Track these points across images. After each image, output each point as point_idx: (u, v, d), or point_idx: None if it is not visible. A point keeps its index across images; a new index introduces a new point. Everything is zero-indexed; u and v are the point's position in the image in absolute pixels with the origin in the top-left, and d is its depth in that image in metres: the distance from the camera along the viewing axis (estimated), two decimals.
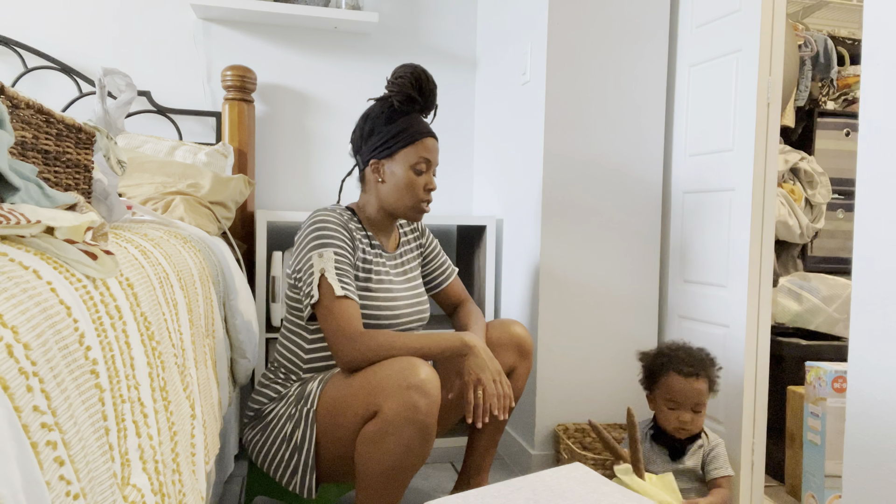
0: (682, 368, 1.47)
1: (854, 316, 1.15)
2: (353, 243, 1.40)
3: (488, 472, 1.60)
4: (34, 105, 0.80)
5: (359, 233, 1.45)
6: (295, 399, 1.34)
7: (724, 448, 1.51)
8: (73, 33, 2.15)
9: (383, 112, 1.44)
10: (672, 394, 1.47)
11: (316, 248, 1.34)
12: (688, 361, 1.47)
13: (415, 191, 1.43)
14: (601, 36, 1.87)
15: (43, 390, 0.47)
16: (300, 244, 1.38)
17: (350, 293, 1.31)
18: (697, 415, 1.47)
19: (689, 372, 1.46)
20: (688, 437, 1.50)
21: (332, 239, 1.35)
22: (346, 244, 1.37)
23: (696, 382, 1.46)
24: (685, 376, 1.46)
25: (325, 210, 1.41)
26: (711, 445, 1.50)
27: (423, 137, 1.43)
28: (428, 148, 1.43)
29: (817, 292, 2.11)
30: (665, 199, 1.98)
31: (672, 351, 1.52)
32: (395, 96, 1.43)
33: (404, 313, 1.46)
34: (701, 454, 1.49)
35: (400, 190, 1.43)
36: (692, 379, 1.46)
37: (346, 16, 2.21)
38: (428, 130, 1.45)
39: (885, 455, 1.09)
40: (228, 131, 2.15)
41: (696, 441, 1.50)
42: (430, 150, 1.44)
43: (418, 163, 1.42)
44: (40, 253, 0.59)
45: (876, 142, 1.12)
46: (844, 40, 2.81)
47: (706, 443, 1.50)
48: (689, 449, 1.50)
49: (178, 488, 0.77)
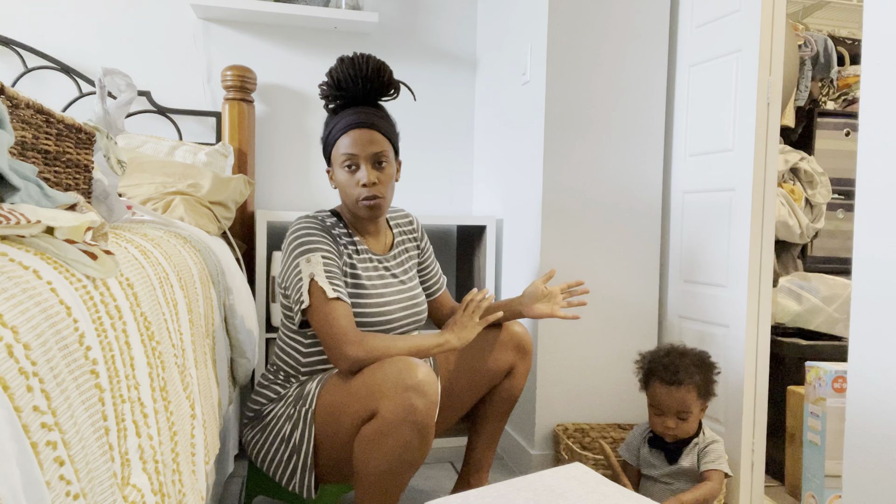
0: (665, 377, 1.45)
1: (854, 316, 1.15)
2: (337, 248, 1.37)
3: (488, 472, 1.60)
4: (34, 105, 0.80)
5: (344, 238, 1.42)
6: (294, 400, 1.34)
7: (720, 445, 1.50)
8: (73, 33, 2.15)
9: (326, 119, 1.43)
10: (655, 401, 1.48)
11: (302, 254, 1.32)
12: (671, 369, 1.45)
13: (351, 189, 1.37)
14: (601, 36, 1.87)
15: (43, 390, 0.47)
16: (286, 253, 1.36)
17: (342, 296, 1.30)
18: (684, 421, 1.46)
19: (671, 380, 1.44)
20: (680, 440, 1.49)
21: (317, 244, 1.33)
22: (331, 248, 1.35)
23: (679, 391, 1.44)
24: (667, 385, 1.45)
25: (307, 217, 1.39)
26: (706, 442, 1.49)
27: (345, 131, 1.35)
28: (350, 142, 1.34)
29: (817, 292, 2.11)
30: (665, 200, 1.98)
31: (659, 358, 1.50)
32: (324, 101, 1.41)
33: (396, 317, 1.43)
34: (696, 452, 1.49)
35: (343, 192, 1.39)
36: (674, 388, 1.44)
37: (346, 16, 2.21)
38: (351, 123, 1.35)
39: (885, 455, 1.09)
40: (228, 131, 2.15)
41: (692, 440, 1.50)
42: (351, 144, 1.34)
43: (344, 160, 1.36)
44: (40, 253, 0.59)
45: (876, 142, 1.12)
46: (844, 40, 2.81)
47: (701, 440, 1.50)
48: (684, 450, 1.49)
49: (178, 488, 0.76)
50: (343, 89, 1.37)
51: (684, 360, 1.47)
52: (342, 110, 1.39)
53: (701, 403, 1.48)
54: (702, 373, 1.46)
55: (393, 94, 1.41)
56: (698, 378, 1.45)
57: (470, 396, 1.53)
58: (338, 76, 1.36)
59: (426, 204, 2.47)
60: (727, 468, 1.48)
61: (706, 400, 1.48)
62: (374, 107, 1.40)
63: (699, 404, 1.47)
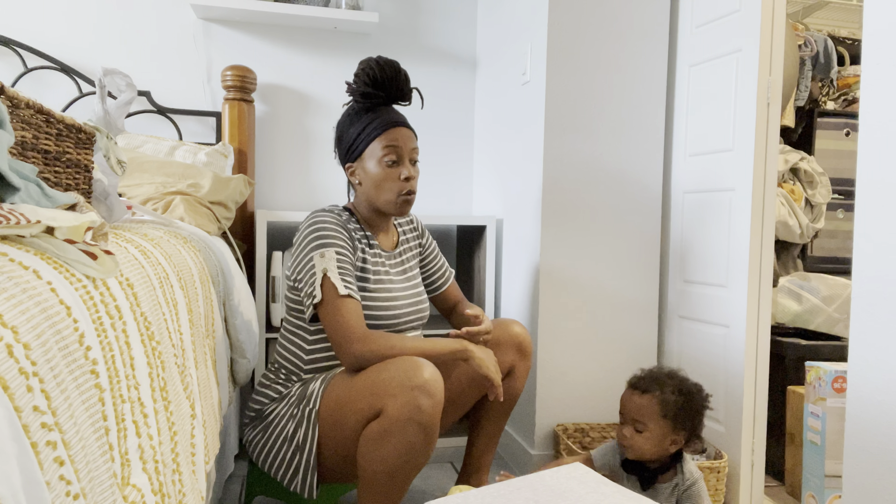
0: (632, 381, 1.41)
1: (854, 316, 1.15)
2: (352, 243, 1.39)
3: (488, 471, 1.60)
4: (34, 105, 0.80)
5: (357, 233, 1.44)
6: (297, 399, 1.34)
7: (701, 486, 1.37)
8: (73, 33, 2.15)
9: (349, 116, 1.44)
10: (620, 407, 1.41)
11: (317, 248, 1.33)
12: (643, 377, 1.40)
13: (390, 184, 1.39)
14: (601, 36, 1.87)
15: (43, 390, 0.47)
16: (300, 245, 1.37)
17: (353, 293, 1.31)
18: (639, 434, 1.34)
19: (635, 385, 1.39)
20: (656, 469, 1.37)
21: (333, 239, 1.35)
22: (346, 244, 1.37)
23: (640, 397, 1.35)
24: (631, 388, 1.39)
25: (324, 211, 1.41)
26: (687, 483, 1.36)
27: (387, 129, 1.39)
28: (394, 137, 1.39)
29: (817, 292, 2.11)
30: (665, 199, 1.98)
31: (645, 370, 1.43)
32: (354, 96, 1.42)
33: (404, 313, 1.45)
34: (675, 495, 1.37)
35: (378, 187, 1.40)
36: (636, 393, 1.37)
37: (346, 16, 2.21)
38: (393, 120, 1.40)
39: (885, 455, 1.09)
40: (228, 131, 2.15)
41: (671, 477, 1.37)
42: (397, 139, 1.39)
43: (386, 154, 1.38)
44: (40, 253, 0.59)
45: (876, 142, 1.12)
46: (844, 40, 2.81)
47: (681, 481, 1.37)
48: (659, 479, 1.37)
49: (178, 488, 0.76)
50: (382, 88, 1.41)
51: (663, 377, 1.38)
52: (375, 109, 1.42)
53: (666, 425, 1.33)
54: (677, 395, 1.34)
55: (410, 101, 1.47)
56: (670, 397, 1.34)
57: (470, 396, 1.53)
58: (374, 76, 1.40)
59: (426, 204, 2.47)
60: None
61: (675, 426, 1.34)
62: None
63: (662, 424, 1.33)
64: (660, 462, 1.38)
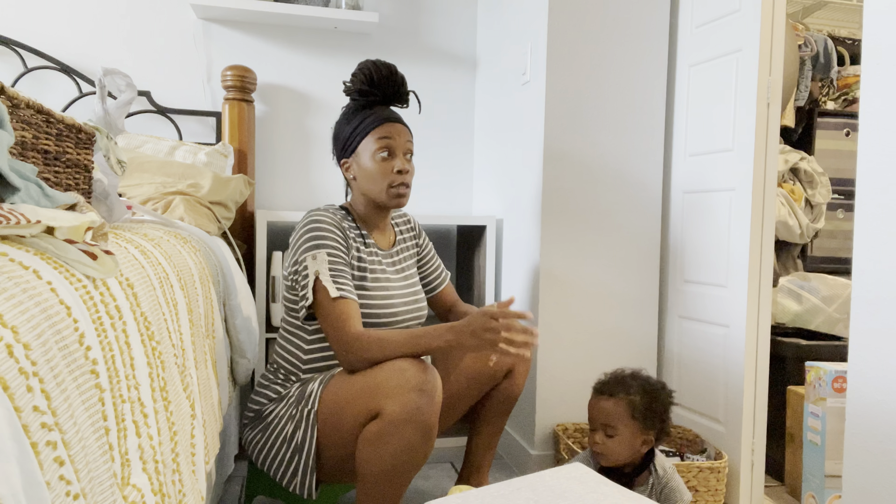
0: (598, 387, 1.42)
1: (854, 316, 1.15)
2: (346, 242, 1.40)
3: (488, 472, 1.60)
4: (34, 105, 0.80)
5: (352, 231, 1.45)
6: (296, 400, 1.34)
7: (676, 478, 1.39)
8: (73, 33, 2.14)
9: (345, 114, 1.47)
10: (589, 415, 1.41)
11: (309, 249, 1.34)
12: (608, 382, 1.40)
13: (384, 177, 1.41)
14: (601, 36, 1.87)
15: (43, 390, 0.47)
16: (295, 245, 1.38)
17: (346, 293, 1.31)
18: (610, 438, 1.35)
19: (601, 390, 1.40)
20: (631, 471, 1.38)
21: (326, 240, 1.35)
22: (339, 244, 1.37)
23: (607, 401, 1.37)
24: (597, 394, 1.40)
25: (319, 210, 1.41)
26: (662, 482, 1.38)
27: (380, 124, 1.41)
28: (388, 131, 1.41)
29: (817, 292, 2.11)
30: (665, 199, 1.98)
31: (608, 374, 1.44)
32: (350, 94, 1.45)
33: (401, 311, 1.46)
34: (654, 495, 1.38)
35: (372, 180, 1.42)
36: (603, 398, 1.38)
37: (346, 16, 2.21)
38: (386, 116, 1.42)
39: (885, 455, 1.09)
40: (228, 131, 2.15)
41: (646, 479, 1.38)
42: (391, 133, 1.41)
43: (379, 148, 1.40)
44: (40, 253, 0.59)
45: (876, 142, 1.12)
46: (844, 40, 2.81)
47: (657, 480, 1.38)
48: (635, 483, 1.38)
49: (178, 488, 0.76)
50: (378, 87, 1.43)
51: (627, 378, 1.39)
52: (371, 106, 1.44)
53: (636, 426, 1.35)
54: (643, 395, 1.36)
55: (407, 104, 1.49)
56: (636, 398, 1.35)
57: (470, 396, 1.53)
58: (370, 75, 1.43)
59: (426, 204, 2.47)
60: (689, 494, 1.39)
61: (645, 425, 1.36)
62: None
63: (631, 425, 1.35)
64: (633, 465, 1.39)
